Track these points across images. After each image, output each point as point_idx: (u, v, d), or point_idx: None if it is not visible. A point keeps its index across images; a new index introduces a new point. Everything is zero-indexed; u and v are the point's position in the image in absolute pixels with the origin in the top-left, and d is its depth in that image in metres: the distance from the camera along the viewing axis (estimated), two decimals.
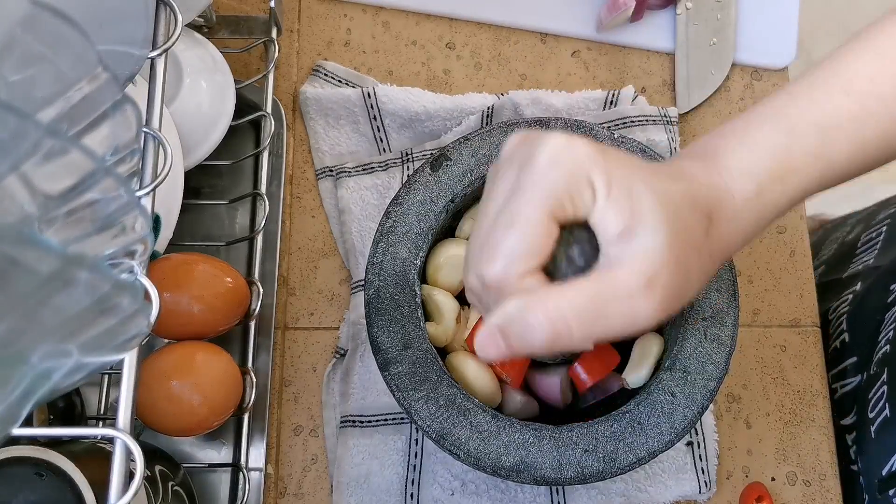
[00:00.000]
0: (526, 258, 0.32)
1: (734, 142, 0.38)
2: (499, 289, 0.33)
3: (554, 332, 0.32)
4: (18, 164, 0.25)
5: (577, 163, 0.32)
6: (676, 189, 0.34)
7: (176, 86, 0.55)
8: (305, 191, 0.63)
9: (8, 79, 0.27)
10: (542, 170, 0.32)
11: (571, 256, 0.34)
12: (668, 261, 0.32)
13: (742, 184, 0.37)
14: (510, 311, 0.32)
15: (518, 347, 0.33)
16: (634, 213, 0.32)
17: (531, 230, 0.32)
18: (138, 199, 0.33)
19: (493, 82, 0.66)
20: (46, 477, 0.37)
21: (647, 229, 0.32)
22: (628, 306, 0.32)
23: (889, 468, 0.56)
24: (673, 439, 0.46)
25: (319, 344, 0.60)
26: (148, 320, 0.31)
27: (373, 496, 0.55)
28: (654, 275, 0.32)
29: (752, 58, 0.67)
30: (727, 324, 0.48)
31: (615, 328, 0.32)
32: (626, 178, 0.33)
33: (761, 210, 0.37)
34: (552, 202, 0.32)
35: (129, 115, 0.31)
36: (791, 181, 0.38)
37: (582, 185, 0.32)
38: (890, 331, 0.61)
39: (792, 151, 0.37)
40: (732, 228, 0.36)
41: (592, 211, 0.33)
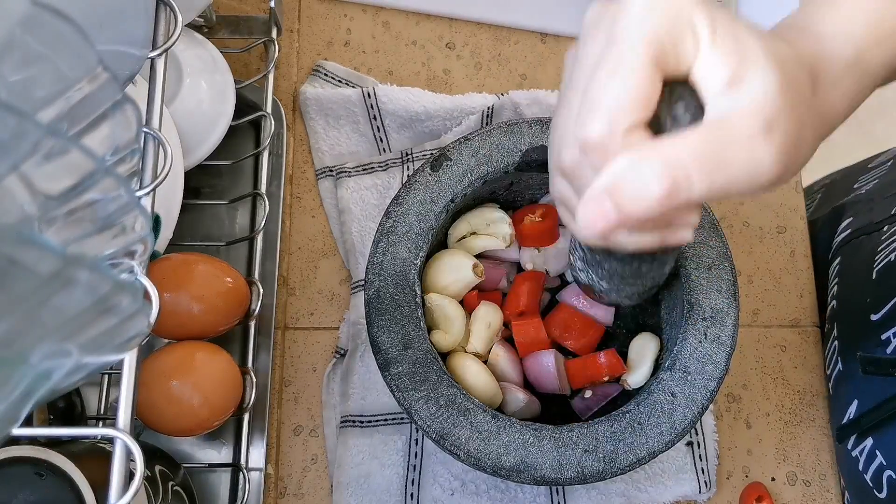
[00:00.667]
0: (633, 110, 0.29)
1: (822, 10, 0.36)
2: (604, 148, 0.29)
3: (673, 181, 0.28)
4: (18, 164, 0.25)
5: (677, 6, 0.29)
6: (780, 47, 0.32)
7: (176, 86, 0.55)
8: (305, 191, 0.63)
9: (8, 79, 0.27)
10: (639, 15, 0.29)
11: (676, 114, 0.30)
12: (783, 106, 0.29)
13: (840, 49, 0.35)
14: (620, 166, 0.29)
15: (631, 208, 0.29)
16: (743, 58, 0.29)
17: (636, 78, 0.29)
18: (138, 199, 0.32)
19: (493, 82, 0.66)
20: (46, 477, 0.37)
21: (758, 73, 0.29)
22: (749, 150, 0.29)
23: (847, 418, 0.56)
24: (673, 439, 0.46)
25: (319, 344, 0.60)
26: (148, 320, 0.31)
27: (373, 496, 0.55)
28: (773, 118, 0.29)
29: None
30: (727, 324, 0.48)
31: (737, 177, 0.29)
32: (730, 23, 0.30)
33: (860, 76, 0.36)
34: (654, 46, 0.29)
35: (129, 115, 0.31)
36: (888, 45, 0.36)
37: (684, 30, 0.29)
38: (834, 287, 0.62)
39: (886, 15, 0.36)
40: (835, 94, 0.35)
41: (697, 59, 0.30)
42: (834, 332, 0.60)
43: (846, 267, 0.62)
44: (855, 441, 0.55)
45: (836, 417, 0.58)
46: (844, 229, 0.64)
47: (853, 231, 0.63)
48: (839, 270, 0.62)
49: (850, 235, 0.63)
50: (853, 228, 0.63)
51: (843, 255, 0.63)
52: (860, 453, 0.54)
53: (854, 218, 0.64)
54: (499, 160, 0.50)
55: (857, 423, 0.55)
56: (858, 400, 0.56)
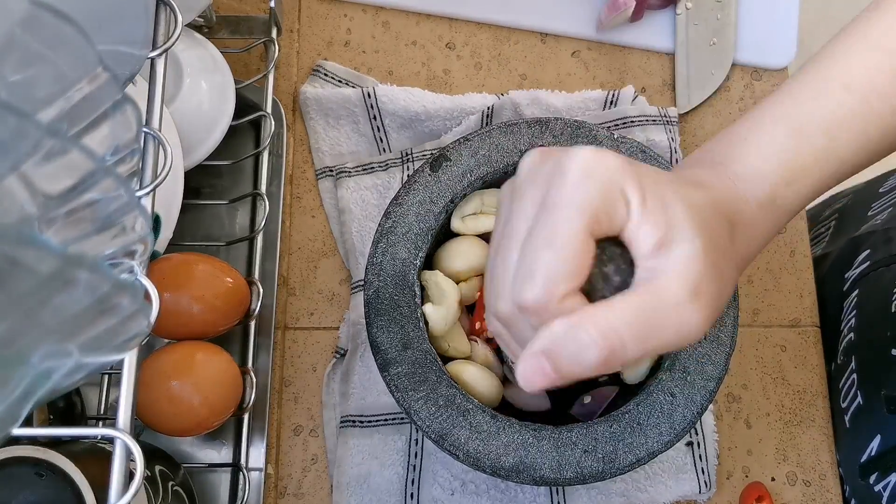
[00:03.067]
0: (568, 279, 0.31)
1: (742, 148, 0.38)
2: (539, 313, 0.31)
3: (609, 348, 0.30)
4: (18, 164, 0.25)
5: (610, 175, 0.31)
6: (700, 196, 0.33)
7: (176, 86, 0.55)
8: (305, 191, 0.63)
9: (8, 79, 0.27)
10: (575, 184, 0.31)
11: (607, 274, 0.32)
12: (707, 269, 0.31)
13: (755, 190, 0.36)
14: (557, 332, 0.31)
15: (568, 370, 0.31)
16: (670, 225, 0.31)
17: (571, 249, 0.30)
18: (138, 199, 0.32)
19: (493, 82, 0.66)
20: (46, 477, 0.37)
21: (684, 239, 0.31)
22: (678, 317, 0.31)
23: (868, 454, 0.56)
24: (672, 440, 0.46)
25: (319, 344, 0.60)
26: (148, 320, 0.31)
27: (373, 496, 0.55)
28: (698, 283, 0.31)
29: (752, 58, 0.67)
30: (726, 324, 0.48)
31: (667, 340, 0.31)
32: (658, 188, 0.32)
33: (776, 214, 0.37)
34: (589, 218, 0.30)
35: (129, 115, 0.31)
36: (802, 183, 0.38)
37: (617, 198, 0.31)
38: (851, 319, 0.61)
39: (801, 154, 0.37)
40: (751, 234, 0.36)
41: (627, 224, 0.31)
42: (852, 364, 0.60)
43: (864, 299, 0.61)
44: (877, 477, 0.55)
45: (856, 452, 0.58)
46: (863, 261, 0.64)
47: (871, 263, 0.62)
48: (857, 303, 0.62)
49: (869, 268, 0.62)
50: (871, 261, 0.63)
51: (860, 287, 0.63)
52: (884, 489, 0.54)
53: (871, 250, 0.64)
54: (498, 160, 0.50)
55: (881, 459, 0.55)
56: (882, 435, 0.55)
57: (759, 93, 0.67)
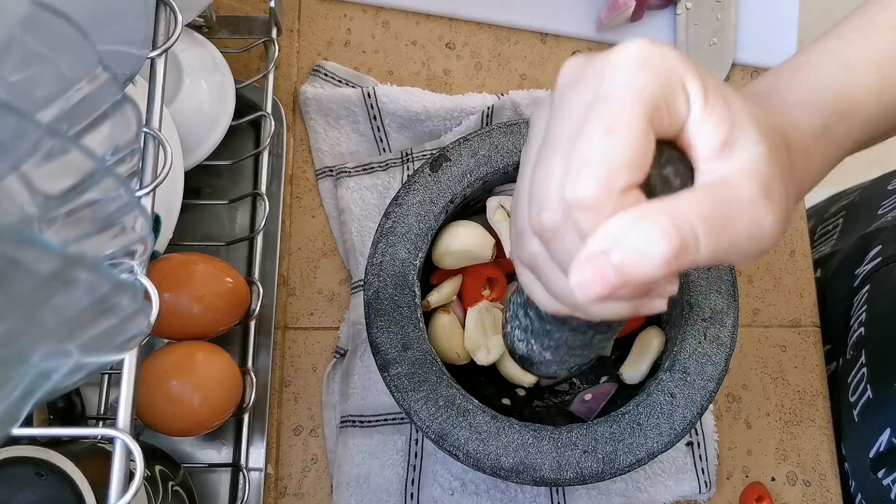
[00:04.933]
0: (630, 169, 0.27)
1: (793, 79, 0.37)
2: (598, 209, 0.27)
3: (681, 239, 0.26)
4: (18, 164, 0.25)
5: (670, 65, 0.28)
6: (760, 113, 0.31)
7: (176, 86, 0.55)
8: (305, 191, 0.63)
9: (8, 79, 0.27)
10: (633, 70, 0.27)
11: (666, 176, 0.29)
12: (775, 174, 0.29)
13: (809, 120, 0.35)
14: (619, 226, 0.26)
15: (633, 271, 0.26)
16: (734, 124, 0.28)
17: (633, 136, 0.27)
18: (138, 199, 0.32)
19: (493, 82, 0.66)
20: (46, 477, 0.37)
21: (749, 140, 0.28)
22: (752, 214, 0.28)
23: (877, 449, 0.56)
24: (672, 440, 0.46)
25: (319, 344, 0.60)
26: (148, 320, 0.31)
27: (373, 496, 0.55)
28: (769, 184, 0.28)
29: (752, 58, 0.67)
30: (727, 324, 0.48)
31: (742, 239, 0.28)
32: (719, 86, 0.29)
33: (828, 148, 0.36)
34: (651, 105, 0.27)
35: (129, 115, 0.31)
36: (855, 118, 0.36)
37: (677, 90, 0.28)
38: (862, 313, 0.61)
39: (853, 86, 0.36)
40: (805, 165, 0.34)
41: (688, 120, 0.29)
42: (862, 358, 0.59)
43: (876, 295, 0.61)
44: (887, 471, 0.55)
45: (864, 446, 0.58)
46: (874, 257, 0.64)
47: (883, 259, 0.62)
48: (868, 298, 0.62)
49: (881, 263, 0.62)
50: (883, 256, 0.63)
51: (872, 282, 0.62)
52: (893, 483, 0.54)
53: (883, 246, 0.63)
54: (498, 161, 0.50)
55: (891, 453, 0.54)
56: (892, 429, 0.55)
57: None
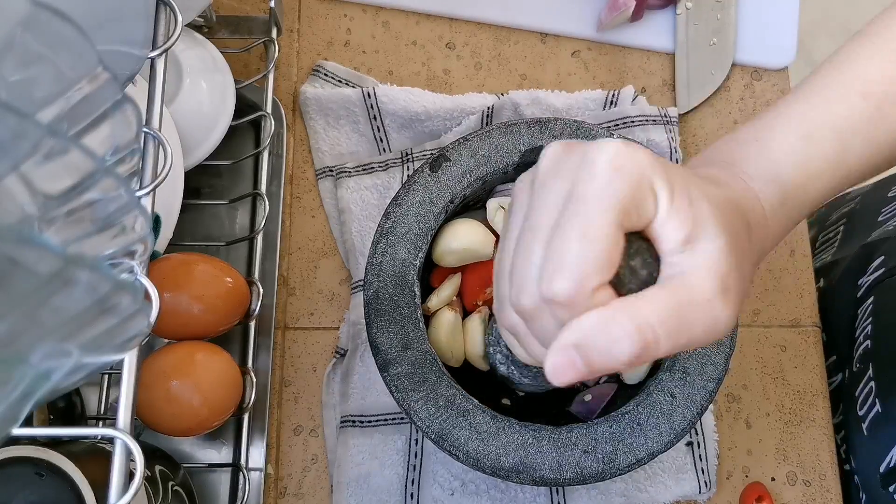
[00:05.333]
0: (600, 271, 0.30)
1: (753, 149, 0.38)
2: (570, 306, 0.30)
3: (643, 342, 0.30)
4: (18, 164, 0.25)
5: (640, 170, 0.30)
6: (720, 194, 0.33)
7: (176, 86, 0.55)
8: (305, 191, 0.63)
9: (8, 79, 0.27)
10: (606, 177, 0.30)
11: (634, 267, 0.32)
12: (732, 265, 0.31)
13: (767, 191, 0.36)
14: (589, 325, 0.30)
15: (600, 364, 0.30)
16: (696, 221, 0.31)
17: (605, 240, 0.30)
18: (138, 199, 0.33)
19: (493, 82, 0.66)
20: (46, 477, 0.37)
21: (710, 236, 0.31)
22: (709, 312, 0.30)
23: (888, 464, 0.56)
24: (672, 440, 0.46)
25: (319, 344, 0.60)
26: (148, 320, 0.31)
27: (373, 496, 0.55)
28: (725, 278, 0.31)
29: (752, 58, 0.67)
30: None
31: (699, 336, 0.31)
32: (684, 184, 0.31)
33: (787, 217, 0.37)
34: (621, 211, 0.30)
35: (129, 115, 0.31)
36: (813, 187, 0.38)
37: (646, 192, 0.31)
38: (867, 325, 0.61)
39: (811, 158, 0.38)
40: (763, 235, 0.36)
41: (654, 219, 0.31)
42: (869, 371, 0.59)
43: (880, 306, 0.61)
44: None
45: (875, 461, 0.57)
46: (877, 268, 0.63)
47: (887, 270, 0.62)
48: (873, 310, 0.61)
49: (884, 274, 0.62)
50: (887, 267, 0.62)
51: (876, 294, 0.62)
52: None
53: (886, 256, 0.63)
54: (498, 161, 0.50)
55: None
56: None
57: (759, 93, 0.67)
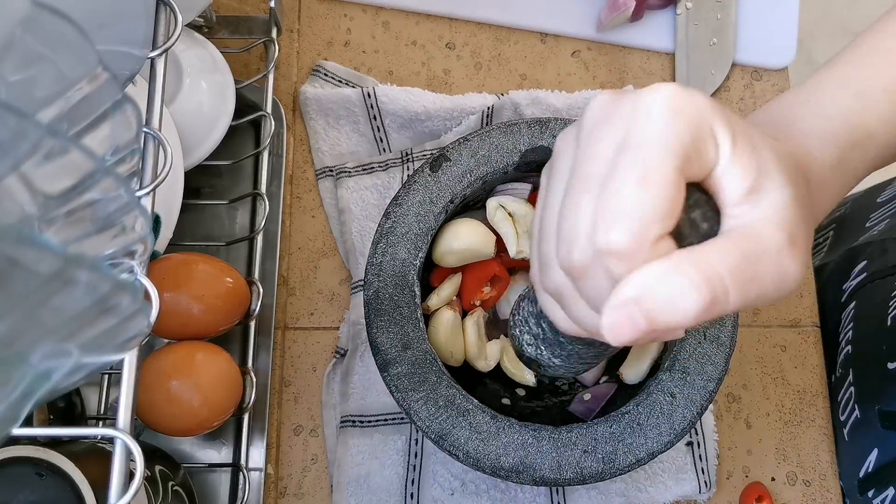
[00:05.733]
0: (662, 220, 0.28)
1: (805, 109, 0.37)
2: (629, 257, 0.28)
3: (712, 294, 0.27)
4: (18, 164, 0.25)
5: (700, 113, 0.29)
6: (781, 147, 0.32)
7: (176, 86, 0.55)
8: (305, 191, 0.63)
9: (8, 79, 0.27)
10: (665, 121, 0.28)
11: (695, 220, 0.30)
12: (799, 217, 0.29)
13: (824, 152, 0.35)
14: (651, 277, 0.27)
15: (663, 320, 0.28)
16: (760, 170, 0.29)
17: (666, 186, 0.28)
18: (138, 199, 0.32)
19: (493, 82, 0.66)
20: (46, 477, 0.37)
21: (776, 187, 0.29)
22: (778, 264, 0.29)
23: (866, 469, 0.56)
24: (672, 440, 0.46)
25: (319, 344, 0.60)
26: (148, 320, 0.31)
27: (373, 496, 0.55)
28: (795, 231, 0.29)
29: (752, 58, 0.67)
30: (726, 324, 0.48)
31: (769, 289, 0.29)
32: (746, 132, 0.30)
33: (843, 177, 0.36)
34: (681, 156, 0.28)
35: (129, 115, 0.31)
36: (868, 146, 0.37)
37: (707, 138, 0.29)
38: (849, 331, 0.61)
39: (866, 116, 0.37)
40: (821, 196, 0.35)
41: (716, 167, 0.29)
42: (849, 377, 0.59)
43: (861, 312, 0.61)
44: (875, 492, 0.55)
45: (854, 466, 0.58)
46: (860, 273, 0.64)
47: (868, 275, 0.62)
48: (854, 315, 0.62)
49: (865, 279, 0.62)
50: (868, 272, 0.62)
51: (857, 299, 0.62)
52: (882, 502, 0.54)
53: (868, 261, 0.63)
54: (498, 161, 0.50)
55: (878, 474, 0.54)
56: (879, 450, 0.55)
57: (759, 93, 0.67)
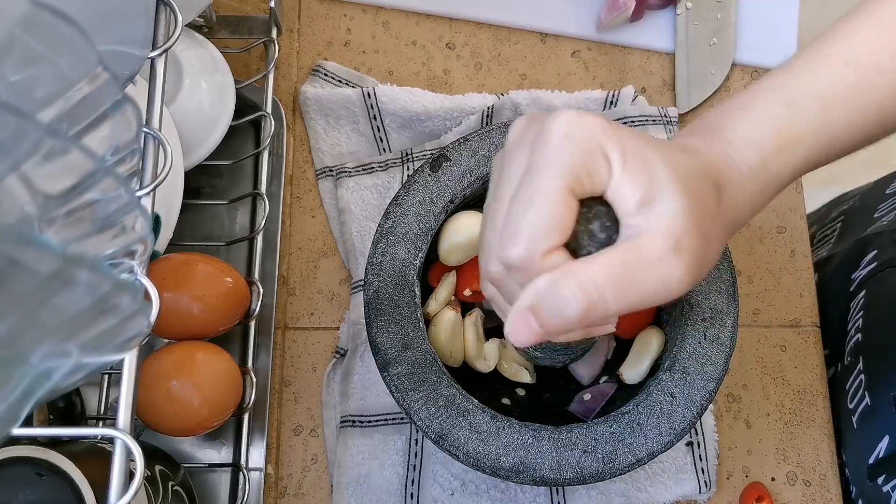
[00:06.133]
0: (550, 235, 0.32)
1: (735, 115, 0.38)
2: (524, 269, 0.32)
3: (588, 301, 0.31)
4: (18, 164, 0.25)
5: (590, 135, 0.31)
6: (684, 160, 0.34)
7: (176, 86, 0.55)
8: (305, 191, 0.63)
9: (8, 79, 0.27)
10: (556, 145, 0.32)
11: (593, 231, 0.33)
12: (689, 225, 0.32)
13: (746, 155, 0.37)
14: (539, 287, 0.32)
15: (552, 325, 0.32)
16: (652, 182, 0.32)
17: (552, 206, 0.31)
18: (138, 199, 0.33)
19: (493, 82, 0.66)
20: (46, 477, 0.37)
21: (665, 196, 0.32)
22: (659, 270, 0.31)
23: (876, 456, 0.56)
24: (672, 440, 0.46)
25: (319, 344, 0.60)
26: (148, 320, 0.31)
27: (373, 496, 0.55)
28: (680, 238, 0.31)
29: (752, 58, 0.67)
30: (726, 324, 0.48)
31: (649, 294, 0.32)
32: (639, 148, 0.32)
33: (766, 180, 0.37)
34: (570, 177, 0.31)
35: (129, 115, 0.31)
36: (794, 152, 0.38)
37: (597, 157, 0.32)
38: (858, 319, 0.61)
39: (794, 122, 0.38)
40: (740, 199, 0.37)
41: (609, 183, 0.32)
42: (859, 364, 0.59)
43: (872, 300, 0.61)
44: (886, 478, 0.55)
45: (864, 453, 0.58)
46: (870, 262, 0.64)
47: (879, 264, 0.62)
48: (864, 304, 0.62)
49: (876, 268, 0.62)
50: (879, 261, 0.63)
51: (868, 287, 0.62)
52: (892, 489, 0.54)
53: (879, 251, 0.63)
54: None
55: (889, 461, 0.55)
56: (890, 436, 0.55)
57: None
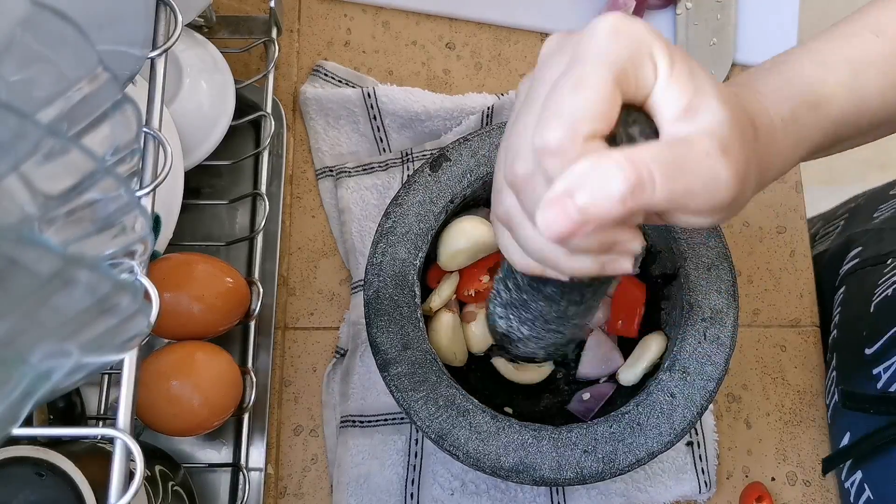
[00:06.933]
0: (594, 119, 0.29)
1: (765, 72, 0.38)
2: (563, 154, 0.29)
3: (636, 175, 0.28)
4: (18, 164, 0.25)
5: (639, 36, 0.30)
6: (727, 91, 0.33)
7: (176, 86, 0.55)
8: (305, 191, 0.63)
9: (8, 79, 0.27)
10: (605, 38, 0.30)
11: (632, 134, 0.31)
12: (735, 138, 0.30)
13: (778, 107, 0.36)
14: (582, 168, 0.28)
15: (594, 209, 0.28)
16: (697, 91, 0.30)
17: (599, 91, 0.29)
18: (138, 199, 0.33)
19: (493, 82, 0.66)
20: (46, 477, 0.37)
21: (711, 107, 0.30)
22: (708, 167, 0.29)
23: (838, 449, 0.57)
24: (672, 440, 0.46)
25: (319, 344, 0.60)
26: (148, 320, 0.31)
27: (373, 496, 0.55)
28: (728, 143, 0.30)
29: (752, 58, 0.67)
30: (726, 324, 0.48)
31: (697, 187, 0.29)
32: (686, 58, 0.31)
33: (797, 136, 0.37)
34: (618, 69, 0.29)
35: (129, 115, 0.31)
36: (824, 110, 0.38)
37: (645, 58, 0.30)
38: (837, 315, 0.62)
39: (825, 81, 0.38)
40: (772, 149, 0.36)
41: (654, 87, 0.31)
42: (833, 362, 0.60)
43: (849, 297, 0.62)
44: (847, 473, 0.56)
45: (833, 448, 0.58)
46: (853, 258, 0.64)
47: (860, 261, 0.63)
48: (843, 300, 0.62)
49: (857, 265, 0.63)
50: (861, 258, 0.63)
51: (847, 284, 0.63)
52: (851, 485, 0.55)
53: (863, 248, 0.64)
54: None
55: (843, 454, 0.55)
56: (850, 432, 0.56)
57: None
